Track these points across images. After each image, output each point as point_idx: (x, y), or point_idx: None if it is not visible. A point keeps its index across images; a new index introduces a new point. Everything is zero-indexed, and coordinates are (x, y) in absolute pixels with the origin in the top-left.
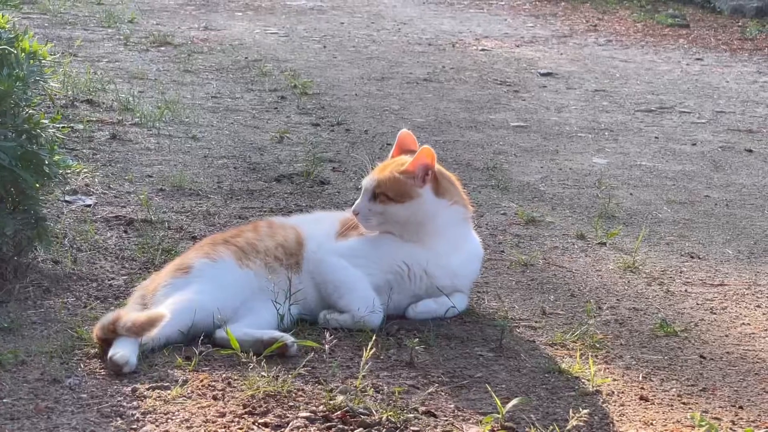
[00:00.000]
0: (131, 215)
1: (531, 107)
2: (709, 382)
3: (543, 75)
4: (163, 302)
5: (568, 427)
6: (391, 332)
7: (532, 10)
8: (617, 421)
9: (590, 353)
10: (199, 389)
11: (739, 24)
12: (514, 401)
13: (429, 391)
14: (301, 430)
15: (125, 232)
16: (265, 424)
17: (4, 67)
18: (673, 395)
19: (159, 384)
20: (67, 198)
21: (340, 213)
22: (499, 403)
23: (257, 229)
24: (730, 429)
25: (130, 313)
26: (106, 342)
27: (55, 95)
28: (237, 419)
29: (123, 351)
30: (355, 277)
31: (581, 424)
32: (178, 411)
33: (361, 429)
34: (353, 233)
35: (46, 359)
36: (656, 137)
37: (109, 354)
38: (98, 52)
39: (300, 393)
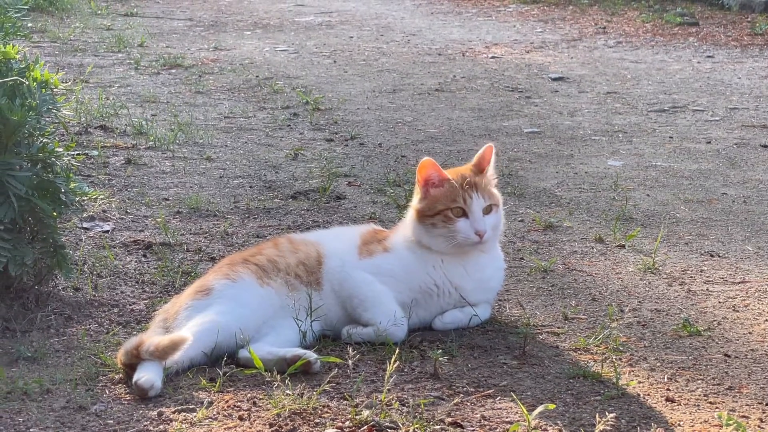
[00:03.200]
0: (149, 239)
1: (543, 112)
2: (734, 381)
3: (554, 80)
4: (185, 325)
5: None
6: (414, 344)
7: (541, 15)
8: (644, 423)
9: (614, 357)
10: (225, 410)
11: (749, 19)
12: (540, 408)
13: (454, 401)
14: None
15: (144, 256)
16: None
17: (16, 97)
18: (699, 395)
19: (185, 407)
20: (85, 225)
21: (359, 227)
22: (525, 410)
23: (278, 246)
24: (758, 427)
25: (152, 338)
26: (131, 367)
27: (69, 122)
28: None
29: (148, 375)
30: (381, 292)
31: (608, 428)
32: None
33: None
34: (378, 248)
35: (71, 387)
36: (670, 137)
37: (134, 378)
38: (110, 78)
39: (325, 409)
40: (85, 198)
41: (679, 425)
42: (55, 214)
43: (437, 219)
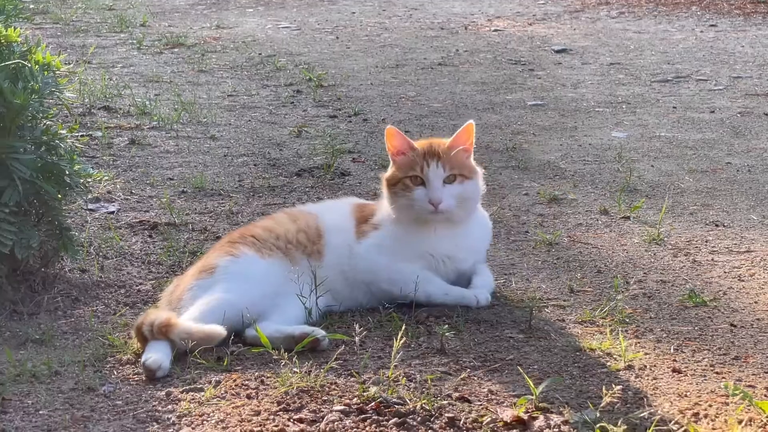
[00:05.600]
0: (155, 219)
1: (547, 85)
2: (741, 351)
3: (557, 52)
4: (191, 305)
5: (601, 404)
6: (421, 320)
7: None
8: (651, 395)
9: (620, 329)
10: (233, 389)
11: None
12: (547, 381)
13: (461, 376)
14: (336, 423)
15: (150, 236)
16: (300, 420)
17: (18, 80)
18: (706, 366)
19: (193, 386)
20: (90, 206)
21: (345, 202)
22: (531, 384)
23: (274, 218)
24: (765, 396)
25: (185, 322)
26: (146, 340)
27: (72, 104)
28: (272, 417)
29: (156, 355)
30: (400, 268)
31: (615, 400)
32: (213, 412)
33: (395, 419)
34: (368, 228)
35: (80, 368)
36: (674, 107)
37: (142, 359)
38: (112, 58)
39: (333, 386)
40: (90, 179)
41: (685, 396)
42: (60, 196)
43: (398, 188)
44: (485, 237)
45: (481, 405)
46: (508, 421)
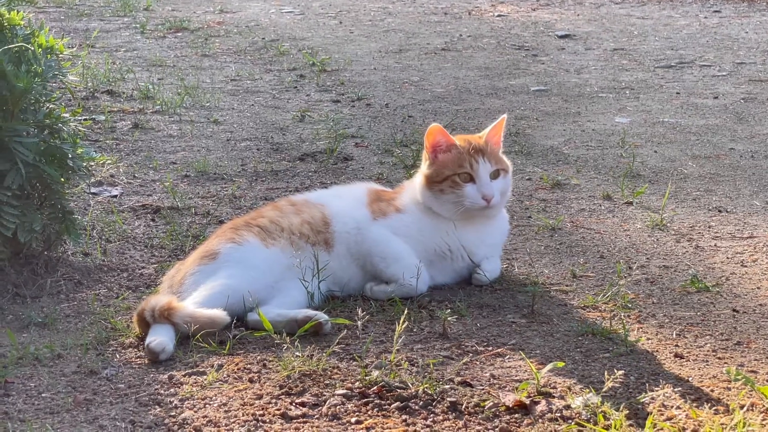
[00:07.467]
0: (158, 203)
1: (550, 70)
2: (743, 336)
3: (561, 37)
4: (193, 290)
5: (604, 389)
6: (423, 304)
7: None
8: (653, 380)
9: (623, 314)
10: (235, 373)
11: None
12: (549, 366)
13: (464, 361)
14: (338, 407)
15: (153, 220)
16: (303, 404)
17: (22, 63)
18: (708, 351)
19: (195, 370)
20: (93, 190)
21: (360, 185)
22: (534, 369)
23: (278, 208)
24: (767, 381)
25: (188, 306)
26: (147, 325)
27: (75, 88)
28: (274, 400)
29: (160, 338)
30: (401, 248)
31: (617, 385)
32: (216, 396)
33: (397, 403)
34: (389, 208)
35: (82, 352)
36: (678, 93)
37: (146, 342)
38: (116, 42)
39: (335, 370)
40: (93, 163)
41: (687, 381)
42: (62, 179)
43: (445, 185)
44: (504, 232)
45: (483, 389)
46: (510, 405)
